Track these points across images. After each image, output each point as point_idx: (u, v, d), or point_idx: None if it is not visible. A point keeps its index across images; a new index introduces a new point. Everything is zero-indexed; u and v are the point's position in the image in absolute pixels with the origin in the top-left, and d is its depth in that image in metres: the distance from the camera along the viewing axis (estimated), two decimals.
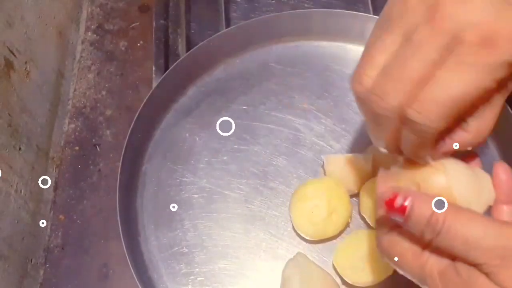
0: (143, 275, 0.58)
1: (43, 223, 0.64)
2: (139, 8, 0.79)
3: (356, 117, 0.67)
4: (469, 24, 0.34)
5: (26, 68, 0.64)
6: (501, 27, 0.34)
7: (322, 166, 0.62)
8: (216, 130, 0.65)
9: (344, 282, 0.57)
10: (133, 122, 0.62)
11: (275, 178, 0.63)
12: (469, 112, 0.39)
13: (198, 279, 0.58)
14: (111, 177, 0.67)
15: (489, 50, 0.34)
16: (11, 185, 0.59)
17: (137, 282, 0.55)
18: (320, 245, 0.60)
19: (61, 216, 0.65)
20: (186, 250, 0.59)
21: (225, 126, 0.64)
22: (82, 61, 0.76)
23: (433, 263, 0.38)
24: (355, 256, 0.56)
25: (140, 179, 0.63)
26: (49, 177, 0.68)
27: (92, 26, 0.78)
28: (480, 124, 0.40)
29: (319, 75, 0.69)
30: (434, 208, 0.37)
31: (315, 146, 0.65)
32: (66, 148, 0.69)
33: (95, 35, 0.78)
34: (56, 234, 0.64)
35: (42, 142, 0.67)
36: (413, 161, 0.43)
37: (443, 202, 0.37)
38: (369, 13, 0.73)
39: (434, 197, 0.37)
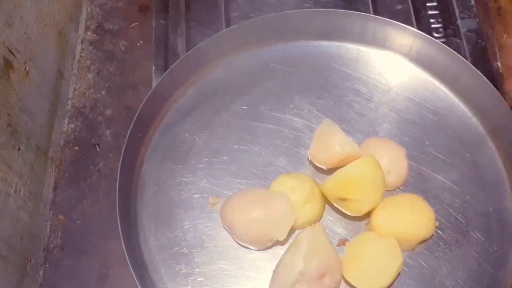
0: (143, 275, 0.58)
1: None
2: (139, 7, 0.79)
3: (356, 117, 0.67)
4: None
5: (25, 68, 0.64)
6: None
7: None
8: (216, 130, 0.66)
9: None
10: (132, 122, 0.62)
11: (275, 178, 0.63)
12: None
13: (198, 279, 0.58)
14: (111, 177, 0.66)
15: None
16: (10, 185, 0.59)
17: (137, 282, 0.55)
18: None
19: (60, 216, 0.65)
20: (186, 251, 0.59)
21: None
22: (82, 61, 0.76)
23: None
24: (362, 263, 0.56)
25: (140, 179, 0.63)
26: (49, 177, 0.67)
27: (92, 26, 0.78)
28: None
29: (319, 75, 0.69)
30: None
31: None
32: (66, 148, 0.69)
33: (94, 35, 0.78)
34: (55, 234, 0.64)
35: (41, 142, 0.67)
36: None
37: None
38: (369, 13, 0.73)
39: None
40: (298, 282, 0.53)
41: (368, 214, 0.59)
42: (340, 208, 0.59)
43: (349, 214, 0.59)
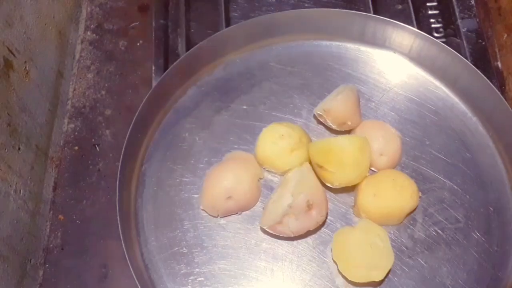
0: (143, 275, 0.58)
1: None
2: (139, 7, 0.79)
3: None
4: None
5: (25, 67, 0.64)
6: None
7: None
8: (216, 130, 0.65)
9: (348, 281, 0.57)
10: (132, 122, 0.62)
11: (274, 177, 0.63)
12: None
13: (198, 279, 0.58)
14: (111, 177, 0.66)
15: None
16: (10, 185, 0.59)
17: (137, 282, 0.55)
18: (317, 241, 0.60)
19: (60, 216, 0.65)
20: (186, 250, 0.59)
21: None
22: (82, 61, 0.76)
23: None
24: (354, 255, 0.56)
25: (140, 179, 0.63)
26: (48, 177, 0.67)
27: (92, 26, 0.78)
28: None
29: (319, 75, 0.69)
30: None
31: None
32: (66, 148, 0.69)
33: (94, 35, 0.77)
34: (55, 234, 0.64)
35: (41, 142, 0.67)
36: None
37: None
38: (369, 12, 0.73)
39: None
40: (287, 215, 0.56)
41: (345, 189, 0.61)
42: (316, 173, 0.60)
43: (323, 182, 0.60)
